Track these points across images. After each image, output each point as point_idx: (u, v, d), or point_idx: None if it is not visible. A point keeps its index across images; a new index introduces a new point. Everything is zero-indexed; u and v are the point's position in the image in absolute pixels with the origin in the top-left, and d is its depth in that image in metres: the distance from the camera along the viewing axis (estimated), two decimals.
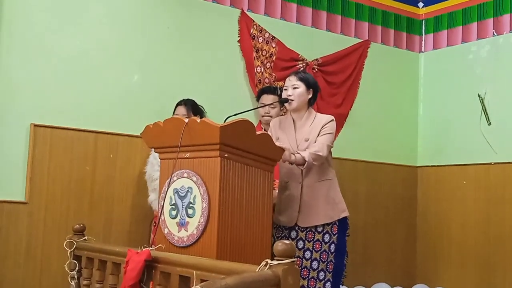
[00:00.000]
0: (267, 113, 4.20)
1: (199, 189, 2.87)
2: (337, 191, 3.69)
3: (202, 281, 2.33)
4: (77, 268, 3.33)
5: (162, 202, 3.03)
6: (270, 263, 2.17)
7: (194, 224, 2.87)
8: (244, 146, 2.91)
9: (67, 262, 3.37)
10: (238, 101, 4.72)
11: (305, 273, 3.54)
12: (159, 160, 3.21)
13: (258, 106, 4.27)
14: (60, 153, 4.09)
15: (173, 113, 4.10)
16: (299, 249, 3.57)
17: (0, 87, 3.93)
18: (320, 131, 3.59)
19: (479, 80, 5.38)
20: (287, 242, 2.22)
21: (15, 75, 3.98)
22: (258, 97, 4.41)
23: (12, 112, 3.96)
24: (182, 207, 2.94)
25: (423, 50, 5.92)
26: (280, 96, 3.96)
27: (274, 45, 4.99)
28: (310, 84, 3.66)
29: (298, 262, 3.50)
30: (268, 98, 4.23)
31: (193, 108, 4.12)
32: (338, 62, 5.34)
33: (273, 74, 4.94)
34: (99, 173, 4.22)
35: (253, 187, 2.98)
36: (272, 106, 4.18)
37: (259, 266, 2.18)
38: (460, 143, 5.49)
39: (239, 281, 2.04)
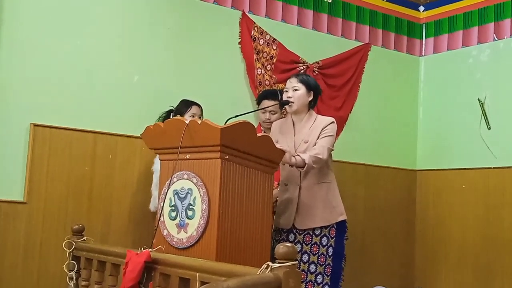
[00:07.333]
0: (268, 119, 4.10)
1: (199, 190, 2.86)
2: (336, 194, 3.67)
3: (203, 283, 2.32)
4: (75, 269, 3.32)
5: (162, 204, 3.02)
6: (272, 266, 2.16)
7: (194, 225, 2.86)
8: (245, 148, 2.91)
9: (66, 262, 3.36)
10: (239, 103, 4.71)
11: (302, 276, 3.52)
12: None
13: (259, 109, 4.22)
14: (59, 153, 4.07)
15: (185, 113, 4.00)
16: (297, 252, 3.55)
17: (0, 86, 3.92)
18: (320, 133, 3.57)
19: (479, 84, 5.38)
20: (288, 244, 2.21)
21: (15, 75, 3.96)
22: (258, 102, 4.25)
23: (12, 112, 3.94)
24: (182, 209, 2.93)
25: (423, 54, 5.92)
26: (281, 99, 3.93)
27: (274, 47, 4.98)
28: (311, 87, 3.65)
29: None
30: (269, 104, 4.08)
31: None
32: (338, 65, 5.33)
33: (274, 76, 4.93)
34: (98, 174, 4.21)
35: (253, 189, 2.97)
36: (273, 112, 4.08)
37: (261, 269, 2.17)
38: (460, 147, 5.48)
39: (241, 283, 2.03)
